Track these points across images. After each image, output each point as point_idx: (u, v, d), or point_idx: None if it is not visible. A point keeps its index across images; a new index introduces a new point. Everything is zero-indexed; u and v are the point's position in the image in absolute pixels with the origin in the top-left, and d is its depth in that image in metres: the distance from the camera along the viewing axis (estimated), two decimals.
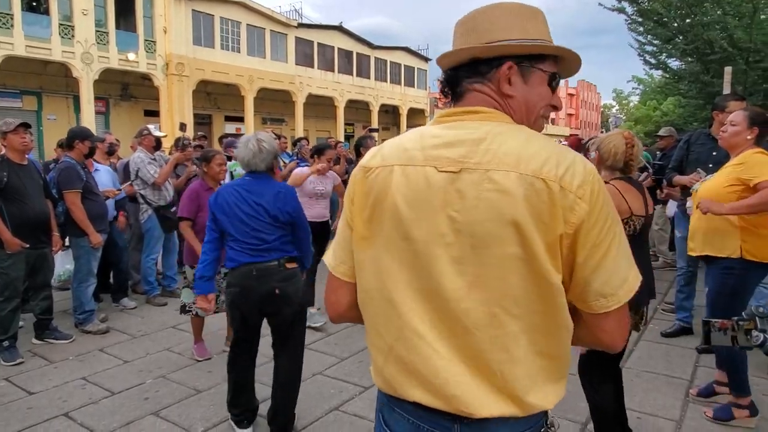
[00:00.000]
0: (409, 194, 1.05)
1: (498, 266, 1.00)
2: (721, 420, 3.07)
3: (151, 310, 5.33)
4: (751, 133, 2.95)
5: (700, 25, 16.37)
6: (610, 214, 1.02)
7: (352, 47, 32.14)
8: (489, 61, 1.10)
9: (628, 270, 1.04)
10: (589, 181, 0.99)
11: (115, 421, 3.15)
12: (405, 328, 1.07)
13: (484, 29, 1.10)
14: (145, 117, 22.97)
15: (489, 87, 1.11)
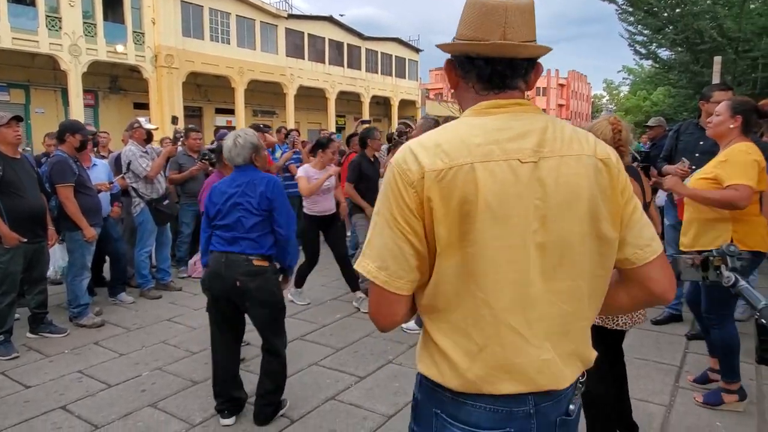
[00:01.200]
0: (499, 191, 1.06)
1: (578, 243, 1.11)
2: (711, 405, 3.14)
3: (145, 303, 5.34)
4: (734, 122, 2.99)
5: (690, 14, 16.44)
6: (630, 186, 1.19)
7: (343, 38, 31.98)
8: (531, 60, 1.17)
9: (650, 227, 1.20)
10: (614, 154, 1.18)
11: (113, 412, 3.18)
12: (500, 325, 1.10)
13: (531, 27, 1.14)
14: (135, 110, 22.78)
15: (524, 82, 1.18)
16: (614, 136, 2.51)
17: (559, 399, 1.16)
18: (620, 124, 2.54)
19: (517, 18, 1.11)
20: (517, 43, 1.11)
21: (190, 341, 4.32)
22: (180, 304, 5.30)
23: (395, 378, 3.61)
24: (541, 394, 1.13)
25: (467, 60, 1.17)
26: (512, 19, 1.11)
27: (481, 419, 1.12)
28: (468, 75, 1.19)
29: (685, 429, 2.93)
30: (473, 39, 1.13)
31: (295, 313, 4.97)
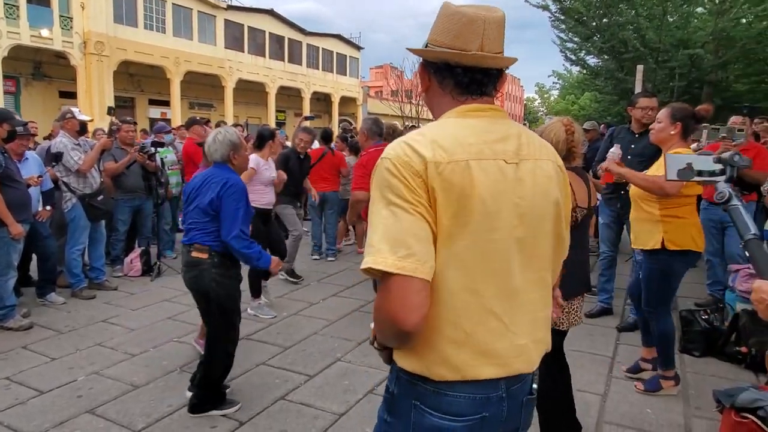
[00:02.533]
0: (491, 187, 1.16)
1: (545, 238, 1.26)
2: (652, 391, 3.37)
3: (78, 304, 5.05)
4: (674, 128, 3.19)
5: (616, 25, 17.39)
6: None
7: (284, 32, 31.46)
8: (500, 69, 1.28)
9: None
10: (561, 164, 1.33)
11: (46, 421, 2.99)
12: (486, 313, 1.19)
13: (502, 39, 1.24)
14: (61, 98, 21.42)
15: (494, 89, 1.29)
16: (567, 137, 2.59)
17: (526, 380, 1.29)
18: (573, 126, 2.63)
19: (493, 30, 1.19)
20: (493, 54, 1.20)
21: (129, 343, 4.14)
22: (116, 305, 5.06)
23: (345, 376, 3.62)
24: (512, 377, 1.23)
25: (446, 67, 1.23)
26: (489, 31, 1.19)
27: (462, 407, 1.19)
28: (445, 81, 1.25)
29: (619, 416, 3.13)
30: (453, 48, 1.19)
31: None
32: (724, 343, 3.92)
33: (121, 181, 5.98)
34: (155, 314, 4.81)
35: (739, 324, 3.92)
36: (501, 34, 1.22)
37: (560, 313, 2.60)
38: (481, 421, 1.20)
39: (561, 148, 2.60)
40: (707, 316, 4.11)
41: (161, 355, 3.92)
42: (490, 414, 1.21)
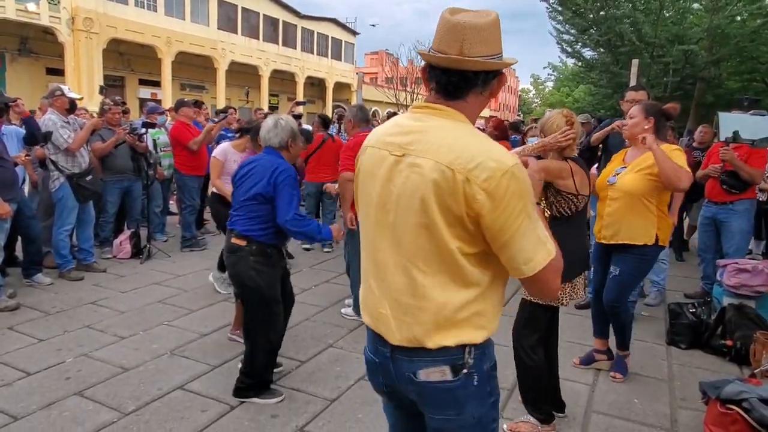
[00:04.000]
0: (369, 171, 1.40)
1: (409, 230, 1.31)
2: (623, 374, 3.49)
3: (65, 285, 5.00)
4: (647, 122, 3.20)
5: (613, 18, 17.40)
6: (519, 206, 1.22)
7: (279, 14, 31.04)
8: (495, 72, 1.32)
9: (534, 252, 1.25)
10: (497, 177, 1.20)
11: (33, 402, 2.97)
12: (364, 272, 1.48)
13: (491, 41, 1.27)
14: (48, 75, 20.99)
15: (486, 93, 1.34)
16: (567, 127, 2.70)
17: (389, 348, 1.41)
18: (573, 117, 2.77)
19: (474, 36, 1.25)
20: (471, 58, 1.26)
21: (118, 325, 4.11)
22: (105, 287, 5.01)
23: (336, 362, 3.62)
24: (377, 335, 1.44)
25: (430, 68, 1.34)
26: (469, 37, 1.25)
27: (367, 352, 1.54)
28: (430, 80, 1.36)
29: (606, 405, 3.17)
30: (438, 51, 1.29)
31: (229, 298, 4.84)
32: (710, 336, 3.98)
33: (109, 161, 5.90)
34: (145, 297, 4.78)
35: (726, 318, 3.98)
36: (485, 38, 1.26)
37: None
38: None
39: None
40: (694, 310, 4.16)
41: (151, 339, 3.90)
42: (367, 357, 1.52)
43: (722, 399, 2.67)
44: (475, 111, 1.36)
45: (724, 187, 4.74)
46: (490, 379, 1.43)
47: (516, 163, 1.23)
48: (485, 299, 1.34)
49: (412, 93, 37.54)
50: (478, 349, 1.37)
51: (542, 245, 1.26)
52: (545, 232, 1.29)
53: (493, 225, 1.22)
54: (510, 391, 3.27)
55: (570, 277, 2.77)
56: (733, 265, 4.33)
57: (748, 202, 4.80)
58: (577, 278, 2.84)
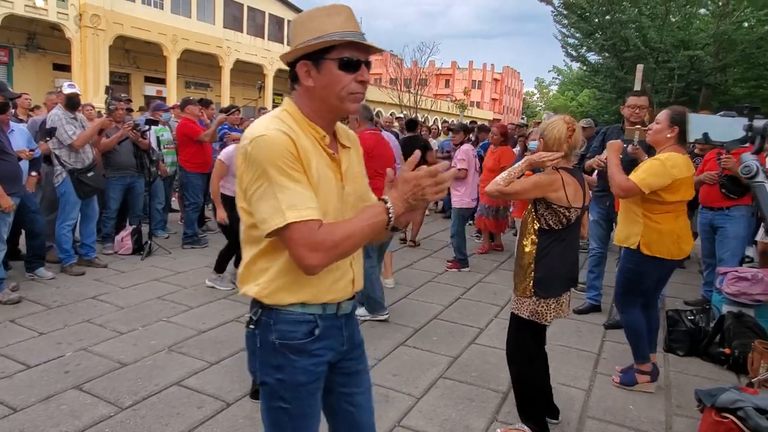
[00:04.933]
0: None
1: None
2: (626, 385, 3.42)
3: (67, 280, 5.03)
4: (671, 131, 3.19)
5: (619, 22, 17.35)
6: (259, 170, 1.35)
7: (284, 14, 31.06)
8: (293, 63, 1.45)
9: (269, 215, 1.34)
10: (245, 146, 1.38)
11: (33, 395, 2.99)
12: None
13: (296, 34, 1.44)
14: (55, 71, 21.09)
15: (299, 82, 1.46)
16: (568, 134, 2.63)
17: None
18: (574, 125, 2.67)
19: (290, 32, 1.45)
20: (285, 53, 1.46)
21: (118, 321, 4.14)
22: (106, 282, 5.04)
23: None
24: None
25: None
26: (290, 33, 1.47)
27: None
28: None
29: (602, 411, 3.17)
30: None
31: (231, 295, 4.87)
32: (708, 344, 3.98)
33: (111, 158, 5.94)
34: (145, 293, 4.81)
35: (724, 326, 3.98)
36: (292, 33, 1.46)
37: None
38: None
39: (560, 145, 2.64)
40: (693, 317, 4.16)
41: (149, 335, 3.92)
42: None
43: (717, 407, 2.66)
44: (304, 99, 1.47)
45: (723, 191, 4.76)
46: (276, 355, 1.47)
47: (262, 134, 1.35)
48: (269, 259, 1.45)
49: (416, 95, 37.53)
50: (265, 314, 1.48)
51: (279, 212, 1.32)
52: (294, 201, 1.33)
53: (247, 187, 1.38)
54: (505, 394, 3.28)
55: (551, 293, 2.67)
56: (732, 273, 4.33)
57: (745, 208, 4.81)
58: (562, 296, 2.73)
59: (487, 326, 4.48)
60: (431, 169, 1.36)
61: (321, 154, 1.45)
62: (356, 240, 1.37)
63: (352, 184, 1.55)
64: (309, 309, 1.48)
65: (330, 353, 1.54)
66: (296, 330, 1.47)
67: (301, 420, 1.52)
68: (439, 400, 3.20)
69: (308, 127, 1.45)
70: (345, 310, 1.57)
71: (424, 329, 4.36)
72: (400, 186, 1.39)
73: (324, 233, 1.33)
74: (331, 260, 1.37)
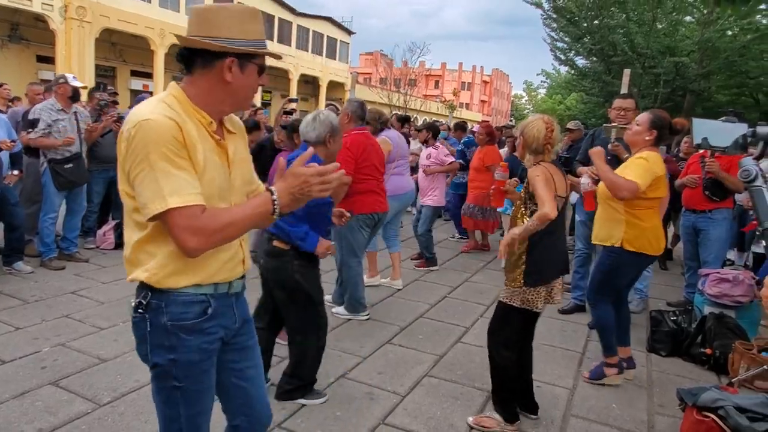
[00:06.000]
0: None
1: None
2: (595, 379, 3.49)
3: (46, 274, 4.93)
4: (650, 134, 3.26)
5: (607, 27, 17.52)
6: (141, 155, 1.36)
7: (274, 11, 30.92)
8: (215, 53, 1.46)
9: (150, 200, 1.36)
10: (129, 129, 1.39)
11: (7, 391, 2.92)
12: None
13: (214, 25, 1.45)
14: (38, 63, 20.75)
15: (211, 72, 1.48)
16: (546, 134, 2.73)
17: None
18: (553, 124, 2.77)
19: (193, 17, 1.49)
20: (193, 37, 1.46)
21: (97, 316, 4.06)
22: (86, 277, 4.95)
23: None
24: None
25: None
26: (191, 18, 1.49)
27: None
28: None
29: (586, 410, 3.18)
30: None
31: None
32: (690, 344, 4.01)
33: (95, 150, 5.82)
34: (126, 288, 4.70)
35: (706, 327, 4.01)
36: (195, 21, 1.49)
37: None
38: None
39: (541, 142, 2.73)
40: (675, 318, 4.19)
41: (130, 330, 3.83)
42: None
43: (699, 406, 2.69)
44: (202, 87, 1.50)
45: (706, 193, 4.82)
46: (169, 336, 1.49)
47: (147, 119, 1.36)
48: (157, 244, 1.46)
49: (405, 94, 37.53)
50: (155, 297, 1.48)
51: (161, 197, 1.34)
52: (176, 187, 1.35)
53: (129, 170, 1.39)
54: (489, 393, 3.26)
55: (544, 279, 2.76)
56: (714, 274, 4.37)
57: (726, 211, 4.87)
58: (553, 282, 2.82)
59: (473, 325, 4.48)
60: (320, 169, 1.42)
61: (207, 139, 1.49)
62: (239, 226, 1.42)
63: (238, 168, 1.60)
64: (201, 290, 1.52)
65: (222, 330, 1.59)
66: (188, 311, 1.50)
67: (195, 396, 1.57)
68: (424, 398, 3.19)
69: (195, 113, 1.47)
70: (236, 289, 1.64)
71: (410, 327, 4.34)
72: (289, 179, 1.42)
73: (206, 218, 1.37)
74: (212, 245, 1.41)
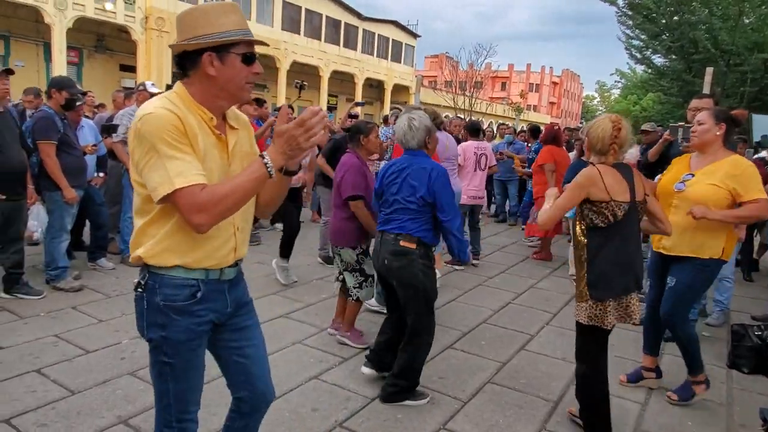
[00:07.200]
0: None
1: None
2: (686, 401, 3.24)
3: (126, 270, 5.24)
4: (719, 129, 3.04)
5: (687, 23, 16.60)
6: (148, 145, 1.48)
7: (341, 16, 31.48)
8: (196, 52, 1.56)
9: (158, 183, 1.48)
10: (135, 123, 1.51)
11: (90, 379, 3.12)
12: None
13: (191, 26, 1.56)
14: (121, 72, 22.19)
15: (199, 71, 1.57)
16: (612, 133, 2.55)
17: None
18: (621, 123, 2.57)
19: (176, 25, 1.62)
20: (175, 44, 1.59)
21: None
22: None
23: None
24: None
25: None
26: (178, 25, 1.62)
27: None
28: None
29: (658, 427, 3.00)
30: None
31: (279, 291, 4.94)
32: None
33: None
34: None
35: None
36: (179, 28, 1.61)
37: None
38: None
39: (606, 142, 2.56)
40: (761, 332, 3.86)
41: None
42: None
43: None
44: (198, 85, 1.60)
45: None
46: (161, 315, 1.63)
47: (150, 112, 1.49)
48: (157, 226, 1.59)
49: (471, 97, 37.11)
50: (151, 279, 1.63)
51: (168, 180, 1.46)
52: (180, 169, 1.46)
53: (138, 160, 1.51)
54: (555, 403, 3.15)
55: (606, 295, 2.56)
56: None
57: None
58: (626, 297, 2.61)
59: (538, 333, 4.34)
60: (299, 119, 1.48)
61: (208, 133, 1.60)
62: (238, 195, 1.50)
63: (239, 161, 1.69)
64: (191, 274, 1.63)
65: (212, 314, 1.70)
66: (179, 293, 1.63)
67: (182, 373, 1.69)
68: (486, 405, 3.12)
69: (196, 109, 1.59)
70: (228, 276, 1.73)
71: (472, 333, 4.27)
72: (275, 140, 1.52)
73: (206, 194, 1.48)
74: (216, 218, 1.51)
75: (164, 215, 1.57)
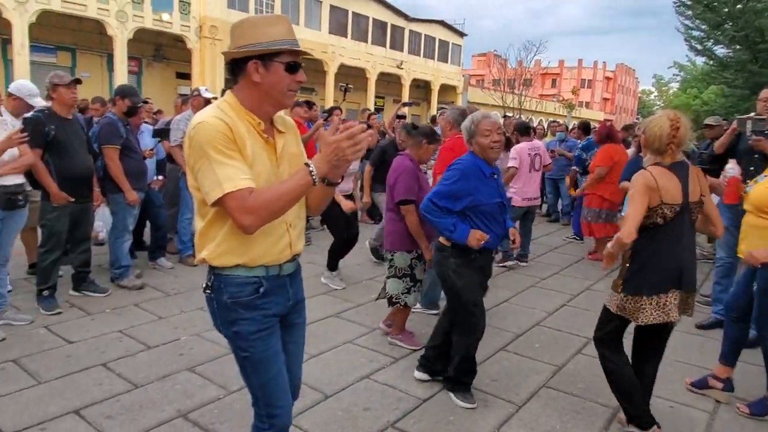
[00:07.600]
0: None
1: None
2: (759, 416, 3.02)
3: (184, 269, 5.42)
4: None
5: (752, 11, 15.72)
6: (200, 152, 1.58)
7: (387, 18, 31.59)
8: (243, 60, 1.66)
9: (210, 188, 1.58)
10: (189, 131, 1.62)
11: (152, 373, 3.24)
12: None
13: (241, 36, 1.67)
14: (177, 79, 23.08)
15: (247, 78, 1.68)
16: (671, 132, 2.45)
17: None
18: (680, 121, 2.46)
19: (230, 35, 1.71)
20: (230, 51, 1.69)
21: None
22: None
23: None
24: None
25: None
26: (232, 33, 1.70)
27: None
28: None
29: None
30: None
31: (331, 290, 4.98)
32: None
33: None
34: None
35: None
36: (232, 36, 1.70)
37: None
38: None
39: (663, 141, 2.46)
40: None
41: None
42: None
43: None
44: (246, 91, 1.70)
45: None
46: (230, 312, 1.74)
47: (202, 121, 1.59)
48: (216, 228, 1.69)
49: (520, 95, 36.41)
50: (216, 280, 1.74)
51: (218, 185, 1.56)
52: (229, 174, 1.56)
53: (193, 166, 1.62)
54: (615, 410, 3.02)
55: (640, 292, 2.51)
56: None
57: None
58: (664, 295, 2.50)
59: None
60: (349, 133, 1.55)
61: (256, 137, 1.69)
62: (285, 200, 1.59)
63: (287, 163, 1.78)
64: (253, 272, 1.73)
65: (276, 307, 1.81)
66: (243, 290, 1.73)
67: (260, 363, 1.79)
68: (542, 410, 3.03)
69: (245, 115, 1.68)
70: (287, 271, 1.84)
71: (525, 335, 4.17)
72: (322, 149, 1.59)
73: (253, 198, 1.56)
74: (263, 220, 1.59)
75: (220, 218, 1.67)
